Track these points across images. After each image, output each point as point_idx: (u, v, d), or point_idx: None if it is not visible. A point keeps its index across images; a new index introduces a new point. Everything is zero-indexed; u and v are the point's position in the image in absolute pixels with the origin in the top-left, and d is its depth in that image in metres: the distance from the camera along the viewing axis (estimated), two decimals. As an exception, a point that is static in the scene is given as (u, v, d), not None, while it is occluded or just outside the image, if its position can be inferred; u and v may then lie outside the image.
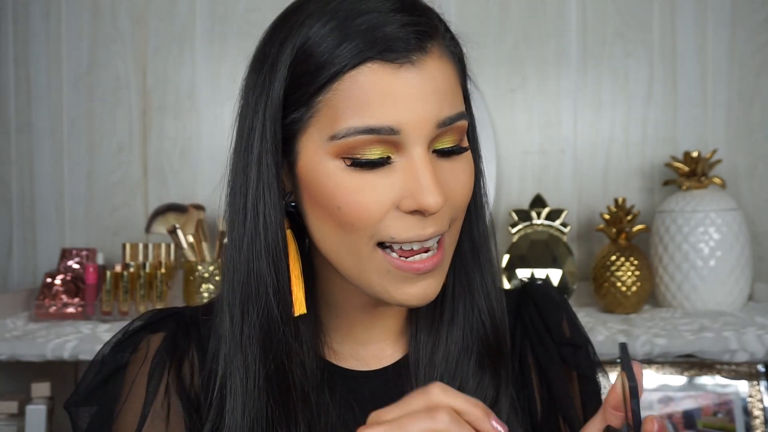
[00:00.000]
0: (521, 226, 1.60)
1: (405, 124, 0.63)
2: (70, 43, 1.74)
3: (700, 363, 1.47)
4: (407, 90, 0.63)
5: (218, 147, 1.74)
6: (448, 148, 0.66)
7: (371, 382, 0.74)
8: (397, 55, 0.63)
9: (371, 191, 0.64)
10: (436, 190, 0.63)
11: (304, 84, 0.65)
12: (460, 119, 0.66)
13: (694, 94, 1.75)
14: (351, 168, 0.64)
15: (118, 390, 0.72)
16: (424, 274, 0.66)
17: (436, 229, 0.66)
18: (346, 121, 0.63)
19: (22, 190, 1.75)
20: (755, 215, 1.73)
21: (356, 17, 0.64)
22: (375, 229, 0.65)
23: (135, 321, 0.76)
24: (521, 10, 1.74)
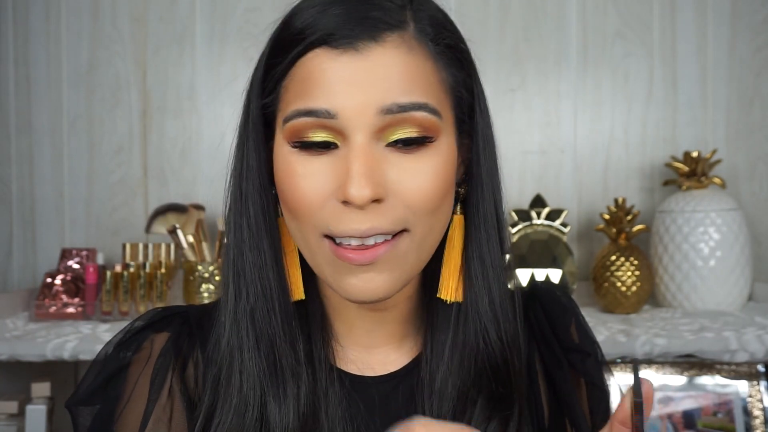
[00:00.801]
0: (521, 226, 1.60)
1: (342, 108, 0.62)
2: (70, 43, 1.74)
3: (700, 363, 1.47)
4: (346, 75, 0.62)
5: (218, 147, 1.74)
6: (404, 138, 0.63)
7: (378, 387, 0.73)
8: (338, 41, 0.63)
9: (311, 177, 0.64)
10: (362, 181, 0.61)
11: (273, 68, 0.67)
12: (418, 110, 0.63)
13: (694, 94, 1.75)
14: (298, 152, 0.64)
15: (120, 390, 0.71)
16: (365, 267, 0.64)
17: (373, 226, 0.63)
18: (293, 105, 0.64)
19: (22, 190, 1.75)
20: (755, 215, 1.73)
21: (320, 5, 0.65)
22: (317, 219, 0.64)
23: (138, 320, 0.76)
24: (521, 10, 1.74)
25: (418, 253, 0.66)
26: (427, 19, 0.67)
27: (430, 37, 0.66)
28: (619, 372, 1.49)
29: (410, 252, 0.66)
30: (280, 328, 0.69)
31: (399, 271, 0.66)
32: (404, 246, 0.65)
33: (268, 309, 0.69)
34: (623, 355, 1.33)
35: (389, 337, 0.75)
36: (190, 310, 0.77)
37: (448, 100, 0.67)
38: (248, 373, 0.68)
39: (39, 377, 1.48)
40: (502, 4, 1.74)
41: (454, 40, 0.68)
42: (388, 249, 0.64)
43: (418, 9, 0.67)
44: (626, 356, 1.33)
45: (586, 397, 0.77)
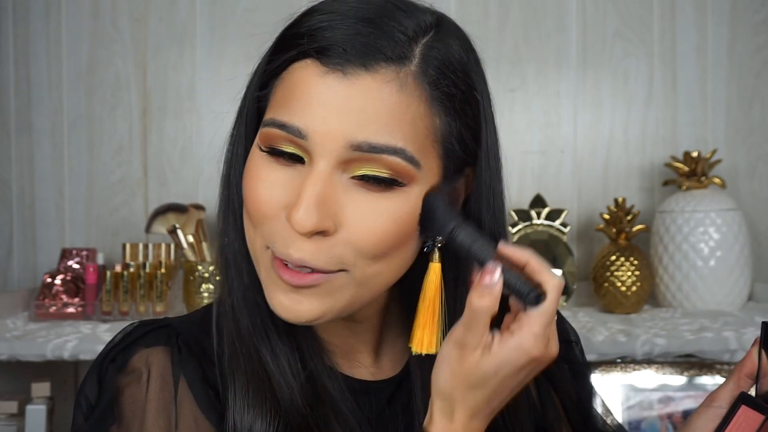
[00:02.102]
0: (521, 226, 1.60)
1: (313, 131, 0.59)
2: (70, 43, 1.74)
3: (700, 363, 1.47)
4: (327, 97, 0.59)
5: (218, 147, 1.72)
6: (371, 175, 0.59)
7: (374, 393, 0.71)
8: (329, 60, 0.59)
9: (271, 185, 0.61)
10: (309, 210, 0.58)
11: (272, 64, 0.65)
12: (391, 154, 0.59)
13: (693, 94, 1.75)
14: (266, 156, 0.62)
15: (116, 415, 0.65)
16: (297, 289, 0.61)
17: (304, 258, 0.60)
18: (272, 112, 0.62)
19: (22, 190, 1.75)
20: (755, 215, 1.73)
21: (322, 12, 0.63)
22: (264, 229, 0.62)
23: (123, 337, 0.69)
24: (521, 10, 1.74)
25: (356, 291, 0.63)
26: (436, 60, 0.62)
27: (431, 79, 0.61)
28: (619, 372, 1.49)
29: (346, 288, 0.62)
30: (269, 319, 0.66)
31: (331, 302, 0.62)
32: (340, 282, 0.62)
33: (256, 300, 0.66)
34: (623, 355, 1.33)
35: (364, 345, 0.72)
36: (174, 323, 0.71)
37: (436, 148, 0.62)
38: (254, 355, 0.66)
39: (39, 377, 1.48)
40: (502, 4, 1.74)
41: (462, 88, 0.63)
42: (319, 279, 0.61)
43: (432, 46, 0.62)
44: (626, 356, 1.33)
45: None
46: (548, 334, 0.60)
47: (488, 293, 0.59)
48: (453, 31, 0.65)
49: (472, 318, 0.60)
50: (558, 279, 0.61)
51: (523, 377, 0.61)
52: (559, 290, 0.60)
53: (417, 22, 0.62)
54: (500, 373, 0.60)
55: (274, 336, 0.67)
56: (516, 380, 0.61)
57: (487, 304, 0.59)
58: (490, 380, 0.60)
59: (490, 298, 0.59)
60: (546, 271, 0.61)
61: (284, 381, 0.66)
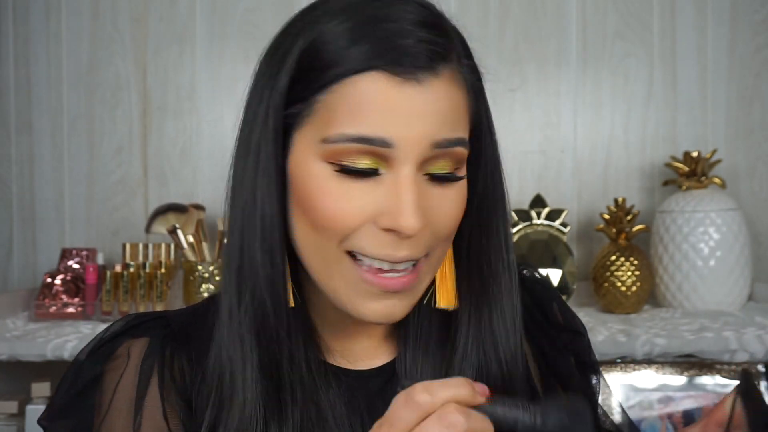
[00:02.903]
0: (521, 226, 1.60)
1: (400, 139, 0.61)
2: (70, 43, 1.74)
3: (700, 363, 1.47)
4: (408, 106, 0.61)
5: (218, 147, 1.74)
6: (441, 174, 0.64)
7: (366, 382, 0.73)
8: (404, 69, 0.61)
9: (352, 200, 0.62)
10: (415, 214, 0.61)
11: (307, 79, 0.63)
12: (459, 145, 0.64)
13: (693, 94, 1.75)
14: (338, 174, 0.62)
15: (95, 401, 0.69)
16: (392, 293, 0.64)
17: (410, 254, 0.63)
18: (340, 127, 0.61)
19: (22, 190, 1.75)
20: (755, 215, 1.73)
21: (374, 23, 0.62)
22: (345, 237, 0.63)
23: (111, 326, 0.73)
24: (521, 10, 1.74)
25: (430, 275, 0.68)
26: (464, 50, 0.67)
27: (466, 70, 0.66)
28: (619, 372, 1.49)
29: (426, 275, 0.67)
30: (285, 344, 0.67)
31: (415, 295, 0.67)
32: (423, 270, 0.66)
33: (276, 324, 0.66)
34: (623, 355, 1.33)
35: (371, 339, 0.75)
36: (169, 315, 0.74)
37: (469, 129, 0.68)
38: (251, 390, 0.66)
39: (39, 377, 1.48)
40: (502, 4, 1.74)
41: (478, 70, 0.69)
42: (413, 280, 0.65)
43: (457, 38, 0.66)
44: (626, 356, 1.33)
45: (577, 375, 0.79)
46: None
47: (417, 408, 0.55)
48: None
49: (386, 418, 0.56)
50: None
51: None
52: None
53: (441, 18, 0.66)
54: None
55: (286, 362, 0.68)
56: None
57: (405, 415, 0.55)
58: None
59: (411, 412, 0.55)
60: None
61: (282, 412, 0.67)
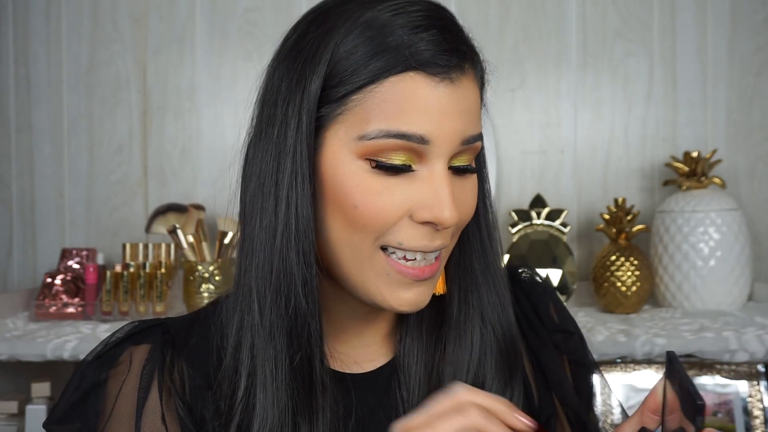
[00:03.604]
0: (521, 226, 1.60)
1: (435, 136, 0.65)
2: (70, 43, 1.74)
3: (700, 363, 1.47)
4: (443, 104, 0.65)
5: (218, 147, 1.74)
6: (463, 167, 0.68)
7: (365, 385, 0.74)
8: (439, 69, 0.65)
9: (390, 195, 0.65)
10: (453, 206, 0.65)
11: (340, 82, 0.65)
12: (479, 140, 0.69)
13: (694, 94, 1.75)
14: (374, 170, 0.65)
15: (99, 406, 0.70)
16: (420, 282, 0.68)
17: (443, 242, 0.67)
18: (377, 124, 0.64)
19: (22, 190, 1.75)
20: (755, 215, 1.73)
21: (401, 27, 0.65)
22: (383, 232, 0.66)
23: (115, 333, 0.75)
24: (521, 10, 1.74)
25: (445, 263, 0.72)
26: (475, 48, 0.70)
27: (478, 68, 0.70)
28: (619, 372, 1.49)
29: (442, 263, 0.71)
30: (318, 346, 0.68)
31: (435, 281, 0.71)
32: (443, 256, 0.70)
33: (310, 326, 0.67)
34: (623, 355, 1.33)
35: (375, 335, 0.76)
36: (169, 322, 0.76)
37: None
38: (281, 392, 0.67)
39: (39, 377, 1.48)
40: (502, 4, 1.74)
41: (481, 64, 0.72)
42: (438, 263, 0.69)
43: (469, 42, 0.70)
44: (626, 356, 1.33)
45: (570, 374, 0.80)
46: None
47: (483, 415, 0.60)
48: None
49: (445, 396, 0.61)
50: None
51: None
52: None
53: (458, 24, 0.69)
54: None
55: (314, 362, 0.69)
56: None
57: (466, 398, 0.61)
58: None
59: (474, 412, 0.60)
60: None
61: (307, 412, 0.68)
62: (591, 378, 0.80)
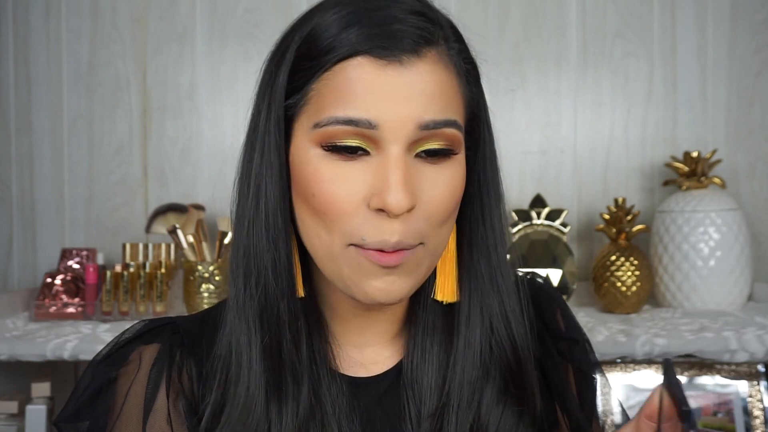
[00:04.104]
0: (521, 226, 1.60)
1: (384, 120, 0.63)
2: (70, 43, 1.74)
3: (700, 363, 1.47)
4: (391, 87, 0.63)
5: (218, 147, 1.74)
6: (433, 149, 0.66)
7: (373, 387, 0.74)
8: (386, 52, 0.63)
9: (344, 182, 0.64)
10: (402, 191, 0.63)
11: (302, 70, 0.66)
12: (449, 127, 0.66)
13: (694, 94, 1.75)
14: (328, 155, 0.65)
15: (108, 404, 0.71)
16: (389, 269, 0.66)
17: (401, 239, 0.65)
18: (329, 111, 0.64)
19: (22, 190, 1.75)
20: (755, 215, 1.73)
21: (361, 12, 0.65)
22: (347, 227, 0.65)
23: (125, 332, 0.75)
24: (521, 10, 1.74)
25: (430, 261, 0.69)
26: (454, 35, 0.69)
27: (457, 52, 0.68)
28: (619, 372, 1.49)
29: (424, 260, 0.68)
30: (287, 329, 0.69)
31: (414, 276, 0.68)
32: (420, 255, 0.67)
33: (279, 309, 0.69)
34: (623, 355, 1.33)
35: (380, 336, 0.76)
36: (178, 321, 0.76)
37: (466, 115, 0.70)
38: (255, 371, 0.68)
39: (39, 377, 1.48)
40: (502, 4, 1.74)
41: (471, 58, 0.71)
42: (408, 255, 0.66)
43: (446, 25, 0.69)
44: (626, 356, 1.33)
45: (574, 383, 0.79)
46: None
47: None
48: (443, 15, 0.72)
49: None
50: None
51: None
52: None
53: (429, 6, 0.68)
54: None
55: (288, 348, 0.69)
56: None
57: None
58: None
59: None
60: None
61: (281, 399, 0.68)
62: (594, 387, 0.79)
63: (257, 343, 0.69)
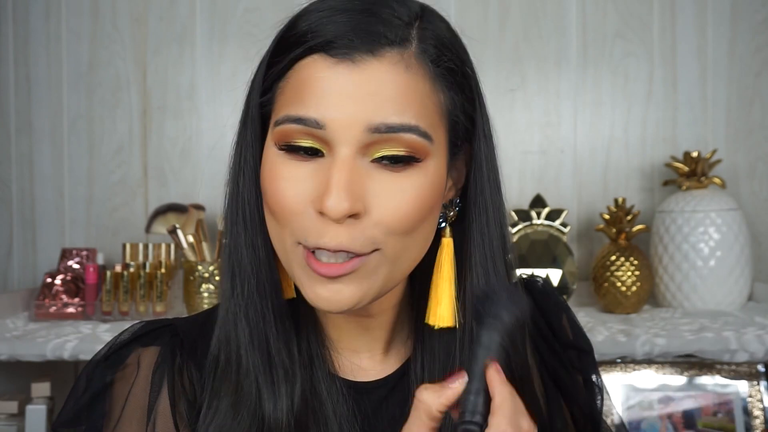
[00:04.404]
0: (521, 226, 1.60)
1: (331, 119, 0.61)
2: (70, 43, 1.74)
3: (700, 363, 1.47)
4: (339, 86, 0.61)
5: (218, 147, 1.73)
6: (392, 155, 0.62)
7: (372, 392, 0.73)
8: (338, 51, 0.62)
9: (293, 182, 0.63)
10: (341, 195, 0.60)
11: (273, 66, 0.66)
12: (407, 132, 0.62)
13: (694, 94, 1.75)
14: (284, 155, 0.64)
15: (105, 408, 0.70)
16: (336, 279, 0.63)
17: (341, 243, 0.62)
18: (284, 110, 0.63)
19: (22, 190, 1.75)
20: (755, 215, 1.73)
21: (328, 9, 0.64)
22: (293, 225, 0.64)
23: (122, 334, 0.73)
24: (521, 10, 1.74)
25: (390, 270, 0.65)
26: (432, 39, 0.65)
27: (432, 57, 0.64)
28: (619, 372, 1.49)
29: (381, 268, 0.64)
30: (273, 326, 0.68)
31: (368, 284, 0.64)
32: (374, 262, 0.64)
33: (262, 306, 0.68)
34: (623, 355, 1.33)
35: (375, 342, 0.74)
36: (177, 323, 0.75)
37: (443, 123, 0.66)
38: (245, 369, 0.68)
39: (39, 377, 1.48)
40: (502, 4, 1.74)
41: (458, 64, 0.67)
42: (356, 265, 0.63)
43: (425, 28, 0.65)
44: (626, 356, 1.33)
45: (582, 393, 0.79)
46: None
47: (437, 392, 0.60)
48: (437, 16, 0.69)
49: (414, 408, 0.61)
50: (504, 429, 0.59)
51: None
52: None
53: (408, 8, 0.65)
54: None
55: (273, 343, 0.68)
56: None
57: (427, 398, 0.60)
58: None
59: (434, 396, 0.60)
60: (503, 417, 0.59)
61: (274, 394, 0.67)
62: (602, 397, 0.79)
63: (245, 341, 0.68)
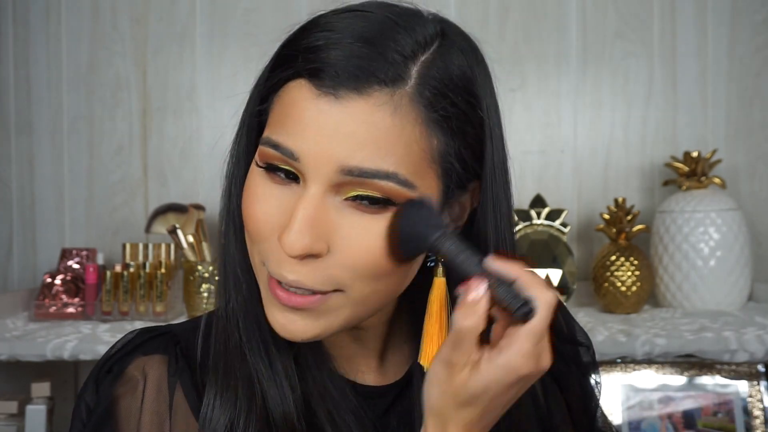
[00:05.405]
0: (521, 226, 1.60)
1: (305, 154, 0.58)
2: (70, 43, 1.74)
3: (700, 363, 1.47)
4: (320, 121, 0.58)
5: (218, 147, 1.72)
6: (365, 196, 0.59)
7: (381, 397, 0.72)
8: (322, 82, 0.58)
9: (266, 204, 0.61)
10: (299, 232, 0.58)
11: (273, 78, 0.64)
12: (383, 179, 0.58)
13: (694, 94, 1.75)
14: (264, 173, 0.62)
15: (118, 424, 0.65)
16: (292, 309, 0.61)
17: (298, 280, 0.60)
18: (269, 130, 0.62)
19: (22, 190, 1.75)
20: (755, 215, 1.73)
21: (328, 31, 0.60)
22: (261, 247, 0.62)
23: (119, 342, 0.70)
24: (521, 10, 1.74)
25: (353, 311, 0.62)
26: (435, 80, 0.60)
27: (426, 101, 0.60)
28: (619, 372, 1.49)
29: (343, 309, 0.62)
30: (269, 332, 0.66)
31: (327, 322, 0.62)
32: (336, 302, 0.61)
33: (257, 312, 0.66)
34: (623, 355, 1.33)
35: (370, 351, 0.73)
36: (175, 330, 0.72)
37: (434, 168, 0.61)
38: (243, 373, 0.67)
39: (39, 377, 1.48)
40: (502, 4, 1.74)
41: (461, 108, 0.62)
42: (313, 303, 0.61)
43: (431, 65, 0.61)
44: (626, 356, 1.33)
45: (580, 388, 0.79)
46: (539, 351, 0.58)
47: (472, 312, 0.57)
48: (458, 43, 0.64)
49: (458, 337, 0.58)
50: (550, 295, 0.58)
51: (513, 394, 0.60)
52: (550, 307, 0.58)
53: (416, 38, 0.61)
54: (489, 391, 0.58)
55: (273, 348, 0.67)
56: (507, 397, 0.60)
57: (471, 323, 0.57)
58: (479, 398, 0.59)
59: (474, 318, 0.57)
60: (538, 286, 0.58)
61: (279, 395, 0.66)
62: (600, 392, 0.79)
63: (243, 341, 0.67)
